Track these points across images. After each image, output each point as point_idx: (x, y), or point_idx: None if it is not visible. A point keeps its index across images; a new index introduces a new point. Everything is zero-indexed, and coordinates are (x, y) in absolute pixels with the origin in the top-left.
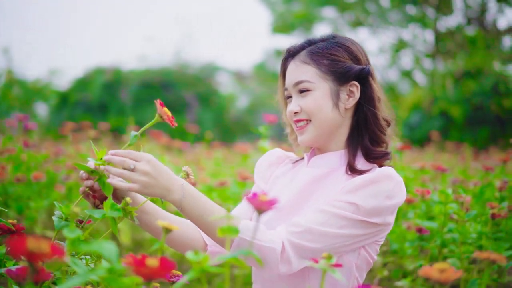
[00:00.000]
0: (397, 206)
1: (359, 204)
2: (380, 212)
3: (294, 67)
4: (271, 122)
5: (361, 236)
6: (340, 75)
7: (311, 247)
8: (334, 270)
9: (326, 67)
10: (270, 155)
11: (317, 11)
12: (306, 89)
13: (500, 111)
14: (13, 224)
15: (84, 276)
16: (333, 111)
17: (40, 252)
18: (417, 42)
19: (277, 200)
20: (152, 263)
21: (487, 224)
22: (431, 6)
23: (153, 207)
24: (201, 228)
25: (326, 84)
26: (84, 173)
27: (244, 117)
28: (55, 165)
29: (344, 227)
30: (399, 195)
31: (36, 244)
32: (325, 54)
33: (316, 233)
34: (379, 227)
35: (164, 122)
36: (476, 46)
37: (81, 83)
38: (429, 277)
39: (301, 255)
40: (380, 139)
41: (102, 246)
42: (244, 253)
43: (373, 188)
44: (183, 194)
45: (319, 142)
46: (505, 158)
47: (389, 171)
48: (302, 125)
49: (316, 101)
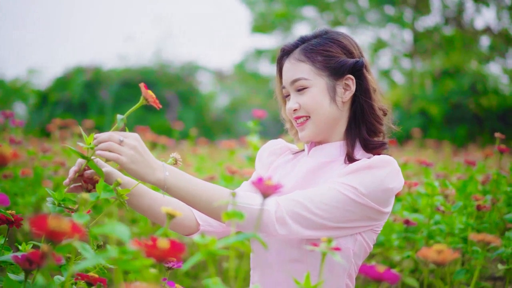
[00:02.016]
0: (393, 192)
1: (356, 187)
2: (377, 196)
3: (289, 65)
4: (259, 117)
5: (356, 217)
6: (335, 70)
7: (305, 215)
8: (334, 253)
9: (320, 63)
10: (272, 144)
11: (297, 10)
12: (303, 86)
13: (478, 110)
14: (12, 215)
15: (94, 259)
16: (331, 106)
17: (61, 231)
18: (395, 42)
19: (282, 184)
20: (163, 245)
21: (472, 216)
22: (409, 6)
23: (142, 188)
24: (190, 204)
25: (322, 80)
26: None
27: (224, 116)
28: (42, 161)
29: (340, 202)
30: (396, 181)
31: (57, 223)
32: (318, 51)
33: (311, 203)
34: (375, 211)
35: (150, 111)
36: (454, 46)
37: (61, 82)
38: (427, 258)
39: (296, 220)
40: (377, 129)
41: (114, 228)
42: (249, 236)
43: (369, 172)
44: (166, 172)
45: (319, 136)
46: (488, 153)
47: (386, 158)
48: (302, 121)
49: (314, 98)
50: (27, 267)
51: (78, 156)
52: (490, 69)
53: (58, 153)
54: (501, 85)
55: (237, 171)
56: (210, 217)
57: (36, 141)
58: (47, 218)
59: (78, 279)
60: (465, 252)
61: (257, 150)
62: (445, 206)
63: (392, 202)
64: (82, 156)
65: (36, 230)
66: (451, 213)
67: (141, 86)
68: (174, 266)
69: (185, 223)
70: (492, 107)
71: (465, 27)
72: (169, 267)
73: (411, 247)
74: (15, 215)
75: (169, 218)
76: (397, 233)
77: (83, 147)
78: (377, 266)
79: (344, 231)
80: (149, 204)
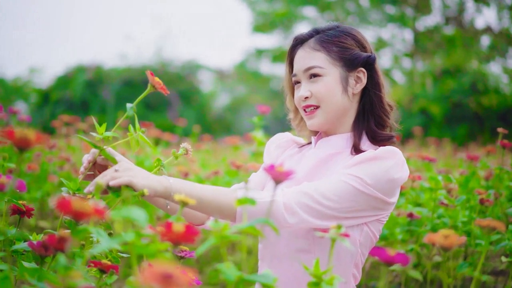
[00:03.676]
0: (399, 182)
1: (362, 178)
2: (382, 186)
3: (303, 53)
4: (263, 113)
5: (362, 207)
6: (349, 62)
7: (313, 206)
8: (344, 239)
9: (336, 53)
10: (279, 137)
11: (298, 10)
12: (317, 74)
13: (479, 109)
14: (24, 205)
15: (109, 243)
16: (342, 96)
17: (84, 211)
18: (396, 42)
19: (294, 171)
20: (179, 228)
21: (475, 210)
22: (410, 6)
23: None
24: (197, 208)
25: (336, 70)
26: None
27: (225, 115)
28: (48, 157)
29: (347, 193)
30: (401, 171)
31: (80, 204)
32: (334, 41)
33: (318, 194)
34: (381, 201)
35: (151, 110)
36: (455, 45)
37: (62, 81)
38: (434, 243)
39: (305, 210)
40: (385, 122)
41: (132, 212)
42: (261, 221)
43: (375, 163)
44: (170, 180)
45: (328, 125)
46: (490, 149)
47: (391, 149)
48: (311, 110)
49: (326, 86)
50: (43, 253)
51: (92, 146)
52: (491, 69)
53: (63, 149)
54: (502, 84)
55: (242, 165)
56: (218, 217)
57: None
58: (71, 200)
59: (91, 266)
60: (468, 245)
61: (262, 145)
62: (448, 200)
63: (397, 193)
64: (95, 146)
65: (61, 210)
66: (454, 207)
67: (147, 74)
68: (186, 255)
69: (196, 214)
70: (493, 106)
71: (465, 27)
72: (181, 256)
73: (414, 241)
74: (27, 206)
75: (182, 205)
76: (401, 227)
77: (96, 137)
78: (388, 249)
79: (351, 221)
80: (159, 204)
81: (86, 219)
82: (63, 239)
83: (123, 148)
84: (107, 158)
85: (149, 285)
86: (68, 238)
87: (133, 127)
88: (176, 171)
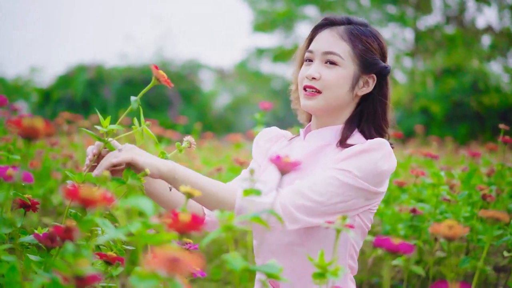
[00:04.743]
0: (387, 173)
1: (352, 171)
2: (372, 178)
3: (329, 36)
4: (265, 109)
5: (355, 200)
6: (367, 64)
7: (308, 204)
8: (348, 230)
9: (359, 51)
10: (267, 132)
11: (299, 9)
12: (335, 62)
13: (480, 108)
14: (29, 199)
15: (115, 233)
16: (347, 93)
17: (92, 199)
18: (397, 41)
19: (300, 162)
20: (185, 218)
21: (477, 206)
22: (411, 5)
23: None
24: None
25: (353, 66)
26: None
27: (226, 114)
28: (51, 154)
29: (338, 188)
30: (389, 161)
31: (89, 192)
32: (362, 39)
33: (312, 192)
34: (371, 193)
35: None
36: (455, 45)
37: (63, 80)
38: (438, 233)
39: (302, 211)
40: (384, 132)
41: (138, 201)
42: (268, 212)
43: (364, 156)
44: (172, 163)
45: (321, 112)
46: (491, 147)
47: (379, 140)
48: (311, 92)
49: (338, 77)
50: (49, 245)
51: (96, 139)
52: (492, 68)
53: (65, 147)
54: (503, 83)
55: (245, 162)
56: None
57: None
58: (79, 187)
59: (97, 258)
60: (470, 240)
61: None
62: (450, 196)
63: (386, 183)
64: (100, 139)
65: (70, 198)
66: (457, 202)
67: (151, 67)
68: (191, 247)
69: (193, 209)
70: (494, 105)
71: (466, 26)
72: (186, 249)
73: (417, 237)
74: (32, 199)
75: (188, 196)
76: (404, 222)
77: (100, 130)
78: (392, 238)
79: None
80: (159, 190)
81: (94, 206)
82: (70, 229)
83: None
84: (112, 150)
85: (156, 270)
86: (75, 228)
87: (138, 120)
88: None
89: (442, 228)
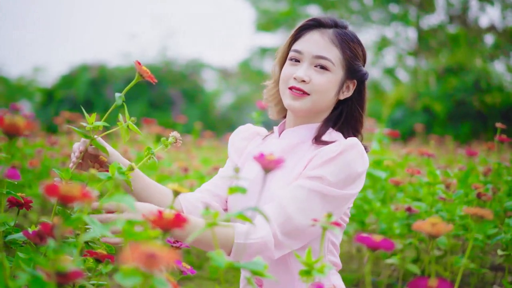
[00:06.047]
0: (361, 173)
1: (328, 178)
2: (349, 182)
3: (321, 40)
4: (263, 108)
5: (337, 211)
6: (352, 70)
7: (297, 224)
8: (334, 228)
9: (347, 58)
10: (242, 130)
11: (301, 9)
12: (326, 67)
13: (482, 107)
14: (22, 197)
15: (101, 229)
16: (333, 97)
17: (72, 195)
18: (399, 40)
19: (283, 159)
20: (168, 216)
21: (472, 205)
22: (414, 5)
23: (137, 172)
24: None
25: (341, 72)
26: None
27: (229, 113)
28: (50, 153)
29: (317, 203)
30: (361, 162)
31: (68, 188)
32: (349, 45)
33: (301, 217)
34: (348, 195)
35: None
36: (458, 44)
37: (66, 80)
38: (422, 231)
39: (290, 235)
40: (358, 132)
41: (122, 198)
42: (261, 265)
43: (338, 161)
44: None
45: (306, 113)
46: (489, 146)
47: (352, 141)
48: (299, 94)
49: (328, 82)
50: (38, 243)
51: (82, 136)
52: (495, 67)
53: (65, 146)
54: (505, 82)
55: None
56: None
57: (43, 134)
58: (59, 184)
59: (87, 255)
60: (465, 239)
61: None
62: (446, 194)
63: (361, 182)
64: (86, 136)
65: (48, 194)
66: (452, 201)
67: (135, 63)
68: (181, 245)
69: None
70: (496, 104)
71: (469, 26)
72: (176, 246)
73: (413, 236)
74: (25, 198)
75: (175, 194)
76: (399, 221)
77: (86, 127)
78: (373, 235)
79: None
80: (142, 187)
81: (73, 202)
82: (53, 226)
83: (125, 146)
84: (98, 147)
85: (134, 265)
86: (57, 225)
87: (123, 117)
88: (177, 167)
89: (426, 225)
